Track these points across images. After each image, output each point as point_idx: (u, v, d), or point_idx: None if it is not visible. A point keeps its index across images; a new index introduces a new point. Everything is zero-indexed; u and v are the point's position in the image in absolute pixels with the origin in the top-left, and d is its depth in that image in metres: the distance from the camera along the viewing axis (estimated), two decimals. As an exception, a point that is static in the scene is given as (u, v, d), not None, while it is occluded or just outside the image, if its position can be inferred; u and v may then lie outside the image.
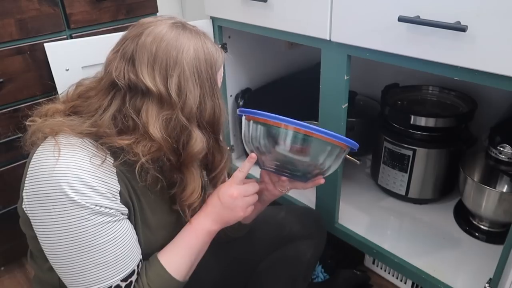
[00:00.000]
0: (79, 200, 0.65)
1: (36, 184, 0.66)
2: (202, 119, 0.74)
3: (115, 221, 0.70)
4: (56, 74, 1.10)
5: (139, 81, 0.69)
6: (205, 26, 1.31)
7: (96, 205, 0.67)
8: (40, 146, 0.70)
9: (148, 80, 0.69)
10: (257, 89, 1.54)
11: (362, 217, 1.28)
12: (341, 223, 1.25)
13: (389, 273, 1.27)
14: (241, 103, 1.48)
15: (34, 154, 0.70)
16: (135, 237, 0.75)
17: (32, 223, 0.69)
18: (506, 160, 1.05)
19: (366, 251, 1.22)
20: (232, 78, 1.47)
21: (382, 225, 1.25)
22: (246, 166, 0.80)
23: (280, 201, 1.40)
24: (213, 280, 0.99)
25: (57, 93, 1.01)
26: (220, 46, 1.32)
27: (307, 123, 0.74)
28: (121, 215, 0.71)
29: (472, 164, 1.23)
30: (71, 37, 1.25)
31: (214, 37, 1.34)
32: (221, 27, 1.33)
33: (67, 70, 1.11)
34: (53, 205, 0.65)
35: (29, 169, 0.68)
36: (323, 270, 1.30)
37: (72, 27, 1.24)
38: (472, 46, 0.75)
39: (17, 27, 1.14)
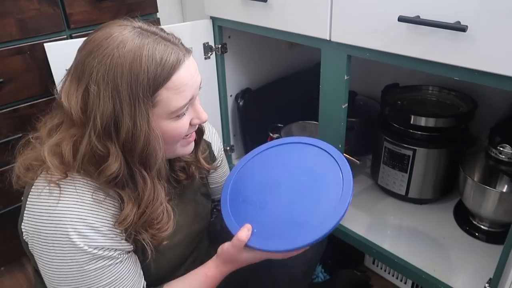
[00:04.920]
0: (82, 245, 0.63)
1: (36, 223, 0.64)
2: (118, 141, 0.63)
3: (116, 263, 0.68)
4: (56, 74, 1.09)
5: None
6: (205, 26, 1.31)
7: (98, 249, 0.64)
8: (37, 180, 0.67)
9: (63, 94, 0.64)
10: (257, 89, 1.54)
11: (362, 217, 1.28)
12: (341, 223, 1.25)
13: (389, 273, 1.27)
14: (241, 103, 1.48)
15: (32, 187, 0.67)
16: (138, 272, 0.73)
17: (34, 255, 0.67)
18: (506, 160, 1.04)
19: (366, 251, 1.21)
20: (232, 78, 1.46)
21: (382, 225, 1.25)
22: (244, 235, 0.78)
23: (280, 201, 1.40)
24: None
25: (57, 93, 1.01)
26: (220, 46, 1.34)
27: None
28: (125, 254, 0.69)
29: (472, 164, 1.23)
30: (71, 37, 1.25)
31: (214, 37, 1.34)
32: (221, 27, 1.32)
33: (67, 70, 1.10)
34: (53, 247, 0.63)
35: (27, 204, 0.66)
36: (323, 270, 1.30)
37: (72, 27, 1.24)
38: (472, 46, 0.75)
39: (17, 27, 1.14)
